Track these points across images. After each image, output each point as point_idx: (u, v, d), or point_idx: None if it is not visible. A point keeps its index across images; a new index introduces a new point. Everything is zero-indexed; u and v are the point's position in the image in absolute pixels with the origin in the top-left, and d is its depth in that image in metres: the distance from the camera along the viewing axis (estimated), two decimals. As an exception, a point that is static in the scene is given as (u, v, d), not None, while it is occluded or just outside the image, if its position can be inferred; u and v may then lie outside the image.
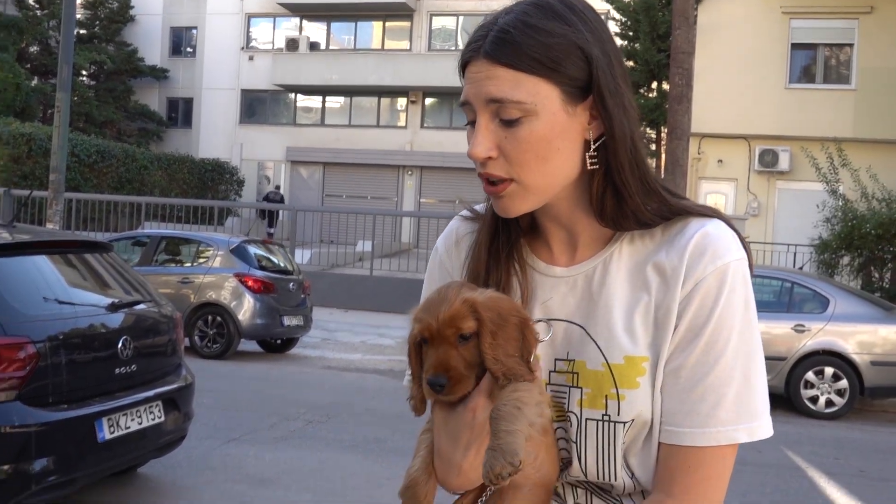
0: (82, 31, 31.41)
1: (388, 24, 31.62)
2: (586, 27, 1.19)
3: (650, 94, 21.60)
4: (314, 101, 32.58)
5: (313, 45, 31.78)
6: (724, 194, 21.62)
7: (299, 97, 32.63)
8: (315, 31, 32.21)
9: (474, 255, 1.32)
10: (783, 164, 20.47)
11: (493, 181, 1.21)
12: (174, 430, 5.43)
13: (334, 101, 32.31)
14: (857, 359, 9.61)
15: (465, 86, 1.21)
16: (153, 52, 33.49)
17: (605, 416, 1.22)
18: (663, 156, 17.83)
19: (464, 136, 1.25)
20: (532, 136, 1.17)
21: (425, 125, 30.87)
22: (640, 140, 1.24)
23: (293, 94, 32.53)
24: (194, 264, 11.90)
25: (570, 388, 1.24)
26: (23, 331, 4.39)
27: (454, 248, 1.39)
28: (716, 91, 19.60)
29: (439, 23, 31.00)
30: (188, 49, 33.86)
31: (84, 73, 32.09)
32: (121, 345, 4.96)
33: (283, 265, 12.42)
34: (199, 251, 12.01)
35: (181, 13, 33.33)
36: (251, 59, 32.48)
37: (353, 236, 20.87)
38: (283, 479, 6.01)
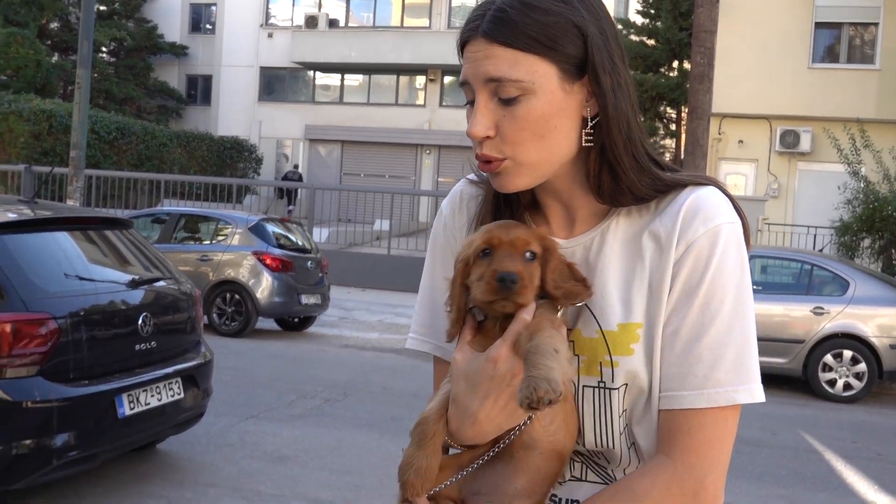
0: (102, 8, 31.46)
1: (407, 1, 31.46)
2: (582, 5, 1.20)
3: (671, 74, 21.40)
4: (333, 79, 32.52)
5: (332, 23, 31.68)
6: (745, 175, 21.47)
7: (318, 75, 32.59)
8: (334, 7, 32.09)
9: (477, 228, 1.34)
10: (804, 144, 20.28)
11: (487, 159, 1.22)
12: (193, 406, 5.48)
13: (353, 79, 32.25)
14: (876, 342, 9.55)
15: (463, 66, 1.22)
16: (173, 28, 33.51)
17: (601, 384, 1.23)
18: (683, 136, 17.71)
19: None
20: (530, 115, 1.18)
21: (444, 104, 30.76)
22: (634, 118, 1.24)
23: (312, 72, 32.48)
24: (213, 242, 11.96)
25: None
26: (44, 307, 4.43)
27: (458, 210, 1.40)
28: (737, 70, 19.40)
29: (459, 0, 30.81)
30: (207, 26, 33.86)
31: (104, 49, 32.18)
32: (141, 321, 5.00)
33: (301, 244, 12.46)
34: (217, 229, 12.06)
35: (200, -10, 33.33)
36: (270, 36, 32.44)
37: (371, 215, 20.89)
38: (300, 457, 6.06)
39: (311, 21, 31.29)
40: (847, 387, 9.61)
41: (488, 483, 1.22)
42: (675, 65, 21.50)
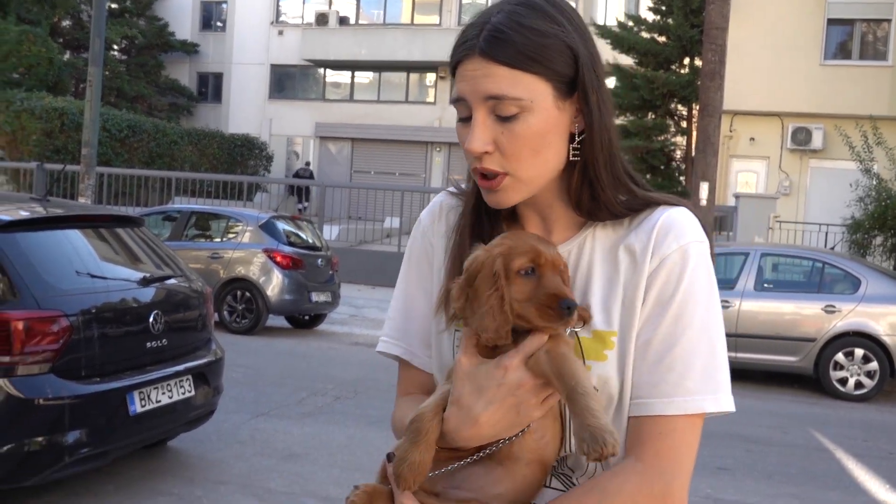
0: (114, 6, 31.56)
1: (417, -2, 31.46)
2: (572, 26, 1.26)
3: (682, 71, 21.28)
4: (343, 77, 32.54)
5: (342, 20, 31.68)
6: (756, 173, 21.38)
7: (328, 72, 32.61)
8: (344, 5, 32.10)
9: (458, 240, 1.38)
10: (816, 142, 20.19)
11: (487, 175, 1.26)
12: (204, 404, 5.50)
13: (363, 77, 32.26)
14: (887, 340, 9.51)
15: (458, 83, 1.26)
16: (183, 26, 33.59)
17: None
18: (694, 133, 17.63)
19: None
20: (528, 131, 1.23)
21: (454, 101, 30.69)
22: (615, 134, 1.31)
23: (322, 70, 32.51)
24: (224, 239, 11.99)
25: None
26: (56, 304, 4.46)
27: (437, 220, 1.46)
28: (749, 68, 19.32)
29: (469, -2, 30.79)
30: (218, 23, 33.91)
31: (115, 47, 32.28)
32: (152, 319, 5.03)
33: (311, 241, 12.48)
34: (228, 226, 12.10)
35: (211, -13, 33.40)
36: (280, 33, 32.47)
37: (381, 212, 20.88)
38: (311, 454, 6.07)
39: (322, 18, 31.30)
40: (858, 385, 9.57)
41: (471, 482, 1.24)
42: (687, 62, 21.37)
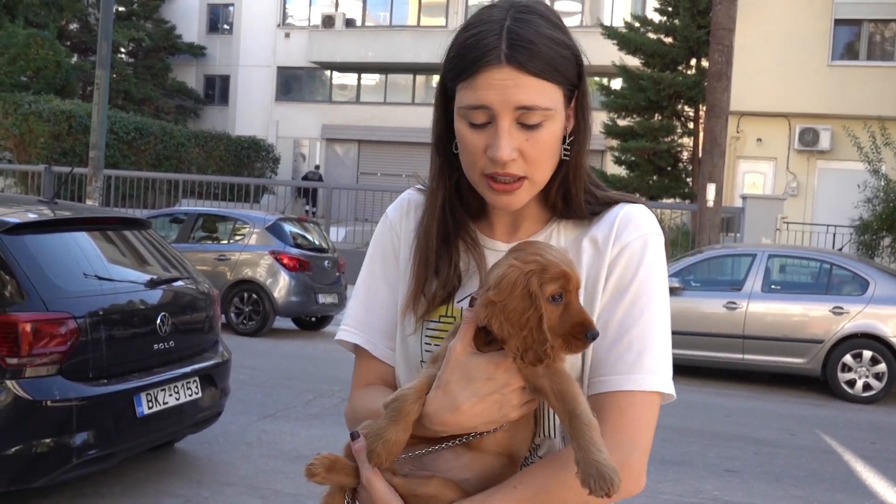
0: (121, 9, 31.64)
1: (424, 0, 31.47)
2: (568, 34, 1.32)
3: (689, 72, 21.26)
4: (350, 79, 32.59)
5: (349, 22, 31.72)
6: (763, 174, 21.34)
7: (335, 74, 32.66)
8: (351, 7, 32.14)
9: (423, 240, 1.40)
10: (824, 143, 20.14)
11: (504, 179, 1.28)
12: (211, 405, 5.50)
13: (370, 79, 32.30)
14: (896, 342, 9.48)
15: (480, 91, 1.25)
16: (190, 29, 33.67)
17: None
18: (701, 135, 17.60)
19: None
20: (550, 138, 1.29)
21: (461, 103, 30.70)
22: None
23: (329, 72, 32.55)
24: (231, 241, 12.01)
25: None
26: (64, 307, 4.47)
27: (405, 216, 1.49)
28: (756, 68, 19.29)
29: (475, 0, 30.80)
30: (225, 26, 33.99)
31: (123, 50, 32.37)
32: (159, 321, 5.04)
33: (318, 243, 12.49)
34: (235, 228, 12.12)
35: (218, -10, 33.47)
36: (287, 35, 32.53)
37: (388, 214, 20.85)
38: (317, 455, 6.07)
39: (328, 21, 31.35)
40: (866, 387, 9.53)
41: (438, 465, 1.25)
42: (693, 63, 21.35)
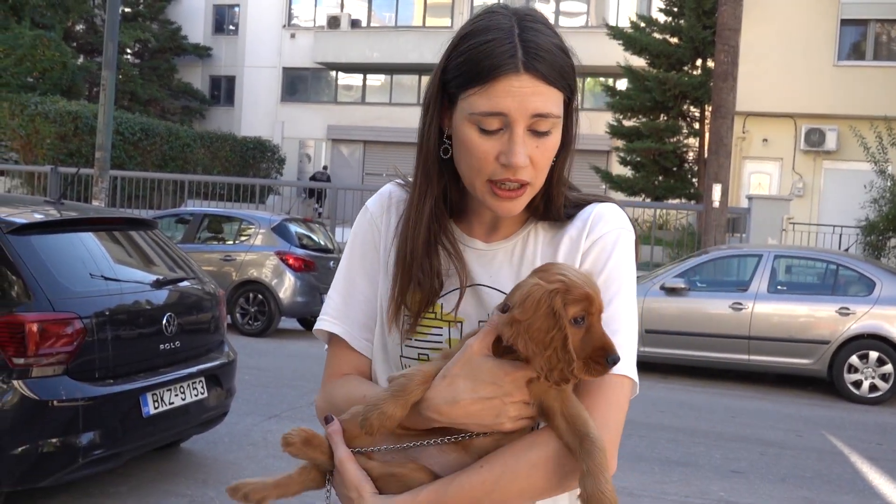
0: (127, 10, 31.72)
1: (429, 1, 31.47)
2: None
3: (695, 72, 21.23)
4: (355, 79, 32.61)
5: (354, 23, 31.75)
6: (769, 174, 21.29)
7: (340, 75, 32.68)
8: (356, 8, 32.16)
9: (407, 249, 1.40)
10: (830, 143, 20.09)
11: (511, 186, 1.31)
12: (216, 406, 5.51)
13: (375, 79, 32.31)
14: (903, 343, 9.45)
15: (497, 98, 1.27)
16: (196, 30, 33.73)
17: None
18: (707, 135, 17.57)
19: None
20: (555, 145, 1.33)
21: (466, 103, 30.68)
22: None
23: (334, 72, 32.58)
24: (236, 242, 12.03)
25: None
26: (70, 307, 4.48)
27: (386, 211, 1.50)
28: (762, 69, 19.25)
29: (480, 0, 30.80)
30: (230, 27, 34.05)
31: (129, 51, 32.45)
32: (165, 321, 5.04)
33: (323, 243, 12.51)
34: (241, 229, 12.13)
35: (224, -9, 33.52)
36: (293, 36, 32.57)
37: (393, 215, 20.83)
38: (322, 456, 6.07)
39: (334, 21, 31.38)
40: (873, 388, 9.51)
41: (422, 460, 1.28)
42: (699, 63, 21.33)
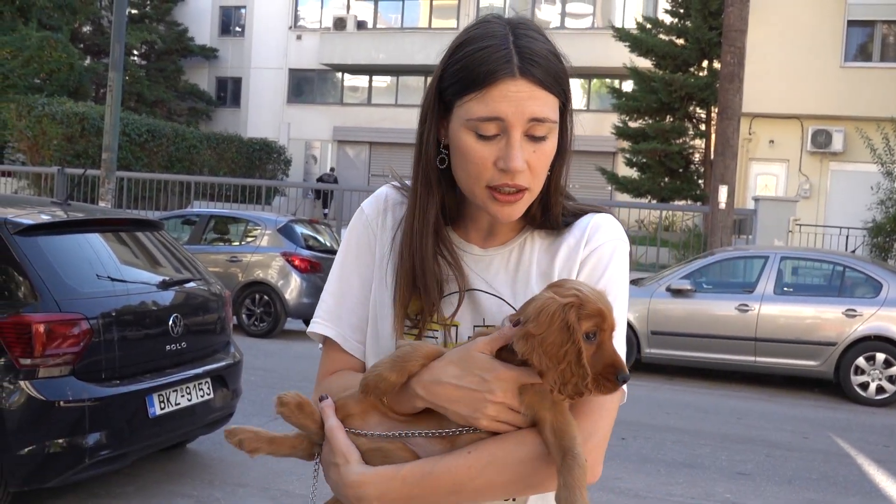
0: (134, 11, 31.80)
1: (435, 2, 31.48)
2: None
3: (701, 73, 21.20)
4: (361, 81, 32.63)
5: (360, 24, 31.78)
6: (776, 176, 21.25)
7: (346, 76, 32.72)
8: (362, 9, 32.20)
9: (416, 252, 1.40)
10: (837, 144, 20.04)
11: (509, 191, 1.32)
12: (223, 406, 5.52)
13: (381, 81, 32.34)
14: (910, 345, 9.42)
15: (494, 103, 1.29)
16: (203, 31, 33.80)
17: None
18: (713, 136, 17.54)
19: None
20: (552, 150, 1.35)
21: (472, 105, 30.68)
22: None
23: (340, 74, 32.62)
24: (242, 243, 12.05)
25: None
26: (77, 308, 4.49)
27: (382, 214, 1.51)
28: (768, 70, 19.22)
29: (487, 1, 30.81)
30: (237, 28, 34.11)
31: (135, 52, 32.53)
32: (171, 322, 5.05)
33: (329, 244, 12.52)
34: (247, 230, 12.15)
35: (230, -7, 33.59)
36: (299, 38, 32.61)
37: (399, 216, 20.85)
38: (328, 457, 6.07)
39: (340, 23, 31.42)
40: (880, 390, 9.48)
41: (411, 444, 1.30)
42: (705, 64, 21.30)
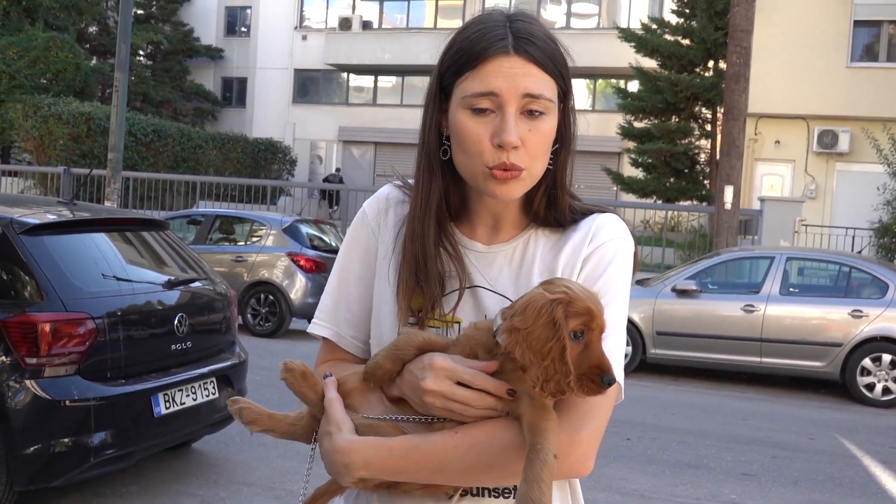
0: (140, 12, 31.86)
1: (440, 2, 31.50)
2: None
3: (706, 73, 21.17)
4: (366, 81, 32.66)
5: (366, 24, 31.81)
6: (781, 176, 21.21)
7: (352, 77, 32.74)
8: (368, 9, 32.23)
9: (418, 239, 1.40)
10: (843, 145, 19.99)
11: (507, 168, 1.32)
12: (227, 406, 5.51)
13: (386, 81, 32.36)
14: (916, 346, 9.40)
15: (488, 78, 1.31)
16: (208, 31, 33.86)
17: None
18: (719, 137, 17.52)
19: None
20: (548, 131, 1.34)
21: (477, 105, 30.71)
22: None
23: (346, 74, 32.64)
24: (248, 243, 12.06)
25: None
26: (82, 307, 4.50)
27: (383, 213, 1.50)
28: (774, 70, 19.18)
29: (492, 1, 30.80)
30: (242, 29, 34.16)
31: (141, 53, 32.60)
32: (177, 322, 5.06)
33: (334, 244, 12.52)
34: (252, 230, 12.16)
35: (236, -7, 33.64)
36: (304, 38, 32.65)
37: (404, 216, 20.86)
38: (333, 457, 6.07)
39: (345, 23, 31.44)
40: (886, 391, 9.45)
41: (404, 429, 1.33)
42: (711, 64, 21.27)
